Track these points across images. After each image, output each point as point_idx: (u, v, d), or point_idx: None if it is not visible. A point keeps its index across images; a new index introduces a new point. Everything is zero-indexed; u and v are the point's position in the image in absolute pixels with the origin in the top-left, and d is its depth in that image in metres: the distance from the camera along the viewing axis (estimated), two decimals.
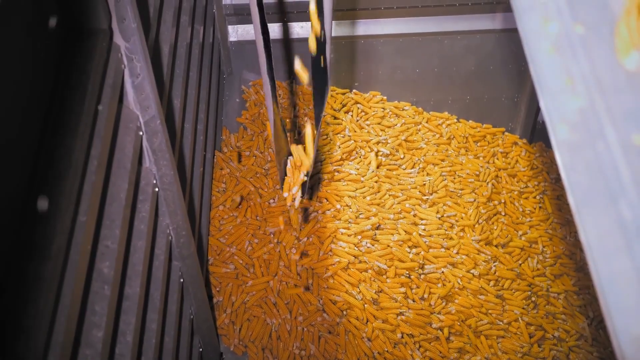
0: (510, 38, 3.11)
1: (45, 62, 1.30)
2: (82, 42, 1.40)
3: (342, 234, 2.67)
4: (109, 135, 1.40)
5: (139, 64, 1.53)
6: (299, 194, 2.11)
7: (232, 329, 2.50)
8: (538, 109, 3.15)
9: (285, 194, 2.12)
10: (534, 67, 0.60)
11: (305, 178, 2.09)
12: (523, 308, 2.65)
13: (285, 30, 3.11)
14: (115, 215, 1.41)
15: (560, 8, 0.62)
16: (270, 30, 1.92)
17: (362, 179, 2.87)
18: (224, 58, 3.13)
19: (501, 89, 3.25)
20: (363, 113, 3.15)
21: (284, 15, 3.06)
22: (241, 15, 3.07)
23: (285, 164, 2.12)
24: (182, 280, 2.00)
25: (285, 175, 2.11)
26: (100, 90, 1.38)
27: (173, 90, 2.07)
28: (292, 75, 3.20)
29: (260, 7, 1.77)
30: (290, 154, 2.11)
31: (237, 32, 3.15)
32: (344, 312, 2.52)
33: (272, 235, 2.66)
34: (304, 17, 3.06)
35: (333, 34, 3.09)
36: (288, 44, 3.14)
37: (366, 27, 3.11)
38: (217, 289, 2.57)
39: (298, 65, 1.98)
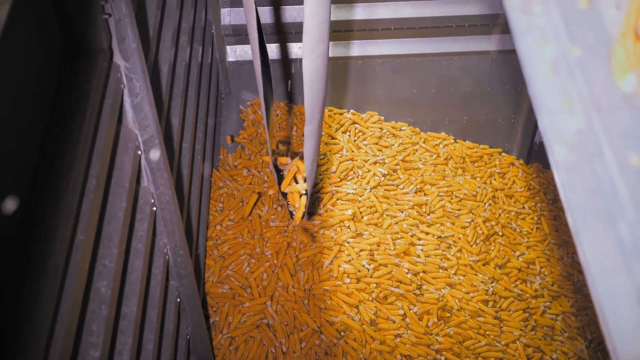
0: (507, 59, 3.13)
1: (45, 81, 1.30)
2: (83, 61, 1.41)
3: (340, 254, 2.67)
4: (107, 154, 1.41)
5: (138, 83, 1.54)
6: (302, 212, 2.13)
7: (228, 350, 2.49)
8: (535, 130, 3.16)
9: (285, 190, 2.12)
10: (532, 89, 0.61)
11: (305, 194, 2.10)
12: (521, 329, 2.64)
13: (284, 51, 3.13)
14: (113, 234, 1.41)
15: (557, 31, 0.63)
16: (268, 50, 1.94)
17: (359, 198, 2.87)
18: (222, 78, 3.15)
19: (498, 110, 3.27)
20: (360, 133, 3.16)
21: (283, 36, 3.08)
22: (239, 35, 3.09)
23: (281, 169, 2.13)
24: (179, 299, 1.99)
25: (281, 174, 2.11)
26: (99, 110, 1.38)
27: (172, 110, 2.08)
28: (290, 96, 3.21)
29: (260, 31, 1.78)
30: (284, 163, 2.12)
31: (236, 53, 3.17)
32: (342, 334, 2.51)
33: (269, 256, 2.65)
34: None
35: (331, 54, 3.11)
36: (286, 64, 3.16)
37: (364, 48, 3.13)
38: (214, 309, 2.56)
39: None
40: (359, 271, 2.62)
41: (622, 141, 0.57)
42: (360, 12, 3.01)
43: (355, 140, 3.12)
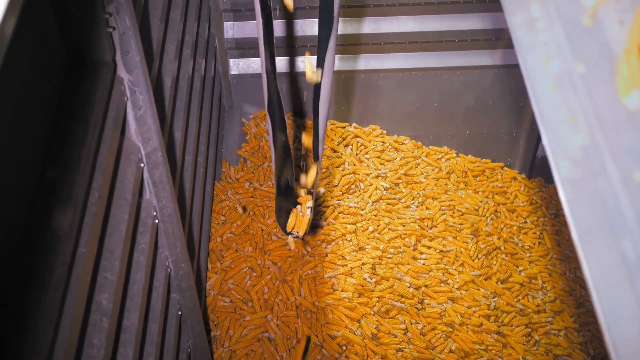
0: (509, 74, 3.14)
1: (49, 93, 1.31)
2: (86, 74, 1.41)
3: (342, 267, 2.66)
4: (110, 167, 1.41)
5: (141, 96, 1.54)
6: (303, 231, 2.12)
7: None
8: (537, 144, 3.17)
9: (290, 234, 2.13)
10: (536, 105, 0.61)
11: (309, 214, 2.10)
12: (523, 344, 2.63)
13: (292, 64, 3.14)
14: (115, 246, 1.40)
15: (561, 47, 0.63)
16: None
17: (361, 212, 2.87)
18: (224, 91, 3.16)
19: (500, 124, 3.27)
20: (362, 147, 3.16)
21: (291, 49, 3.09)
22: (242, 49, 3.10)
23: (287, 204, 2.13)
24: (180, 313, 1.99)
25: (285, 215, 2.11)
26: (102, 122, 1.38)
27: (174, 123, 2.08)
28: (295, 109, 3.22)
29: (270, 42, 1.79)
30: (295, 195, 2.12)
31: (238, 66, 3.18)
32: (344, 348, 2.50)
33: (271, 269, 2.65)
34: (309, 50, 3.09)
35: (334, 68, 3.12)
36: (294, 77, 3.16)
37: (366, 62, 3.14)
38: (215, 322, 2.55)
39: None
40: (361, 285, 2.62)
41: (626, 158, 0.57)
42: (363, 27, 3.02)
43: (357, 154, 3.12)
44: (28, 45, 1.20)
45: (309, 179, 2.12)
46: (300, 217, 2.12)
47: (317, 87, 1.88)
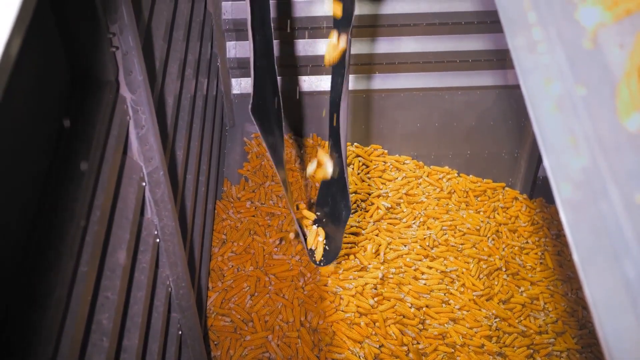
0: (510, 94, 3.15)
1: (52, 112, 1.31)
2: (89, 93, 1.42)
3: (344, 288, 2.65)
4: (112, 186, 1.41)
5: (144, 115, 1.55)
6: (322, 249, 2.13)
7: None
8: (538, 165, 3.17)
9: (312, 247, 2.13)
10: (538, 127, 0.61)
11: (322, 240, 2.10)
12: None
13: (294, 83, 3.15)
14: (116, 265, 1.40)
15: (562, 69, 0.63)
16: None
17: (363, 231, 2.87)
18: (226, 110, 3.17)
19: (501, 144, 3.28)
20: (364, 166, 3.16)
21: (295, 69, 3.10)
22: (244, 68, 3.12)
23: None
24: (180, 332, 1.98)
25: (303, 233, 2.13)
26: (105, 141, 1.39)
27: (176, 142, 2.08)
28: (299, 130, 3.23)
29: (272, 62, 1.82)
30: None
31: (240, 85, 3.19)
32: None
33: (272, 289, 2.64)
34: (312, 70, 3.10)
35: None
36: (299, 97, 3.18)
37: (368, 82, 3.16)
38: (215, 342, 2.54)
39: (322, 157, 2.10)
40: (362, 306, 2.61)
41: (628, 180, 0.58)
42: (365, 47, 3.04)
43: (358, 174, 3.12)
44: (33, 64, 1.21)
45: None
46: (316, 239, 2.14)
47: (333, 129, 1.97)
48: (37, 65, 1.24)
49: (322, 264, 2.12)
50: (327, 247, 2.11)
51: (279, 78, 2.10)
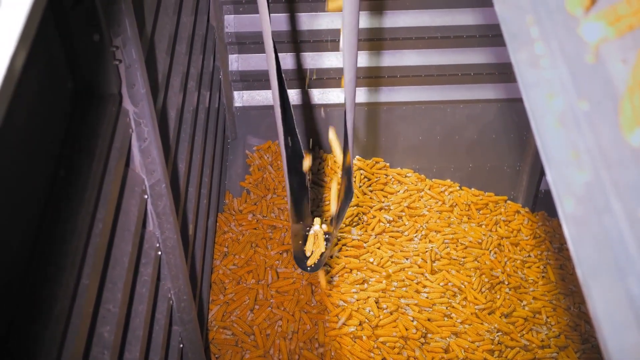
0: (512, 107, 3.15)
1: (55, 124, 1.31)
2: (92, 105, 1.42)
3: (345, 301, 2.65)
4: (114, 199, 1.41)
5: (146, 128, 1.55)
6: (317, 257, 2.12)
7: None
8: (540, 178, 3.17)
9: (308, 254, 2.12)
10: (541, 141, 0.61)
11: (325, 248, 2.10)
12: None
13: (305, 97, 3.16)
14: (117, 278, 1.40)
15: (564, 84, 0.63)
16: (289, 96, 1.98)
17: (365, 245, 2.86)
18: (228, 123, 3.17)
19: (503, 158, 3.28)
20: (366, 179, 3.16)
21: (303, 82, 3.11)
22: (247, 81, 3.13)
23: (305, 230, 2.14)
24: (181, 345, 1.97)
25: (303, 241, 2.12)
26: (107, 154, 1.39)
27: (178, 154, 2.09)
28: (312, 145, 3.23)
29: (280, 76, 1.81)
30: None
31: (243, 98, 3.20)
32: None
33: (274, 302, 2.63)
34: (323, 83, 3.11)
35: (337, 101, 3.14)
36: (308, 110, 3.18)
37: (370, 95, 3.16)
38: (217, 355, 2.53)
39: (332, 134, 2.13)
40: (365, 320, 2.60)
41: (631, 195, 0.57)
42: (367, 60, 3.05)
43: (360, 187, 3.12)
44: (36, 76, 1.21)
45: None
46: (317, 244, 2.12)
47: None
48: (41, 77, 1.25)
49: (310, 269, 2.12)
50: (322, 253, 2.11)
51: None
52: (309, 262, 2.09)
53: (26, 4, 0.65)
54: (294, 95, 3.14)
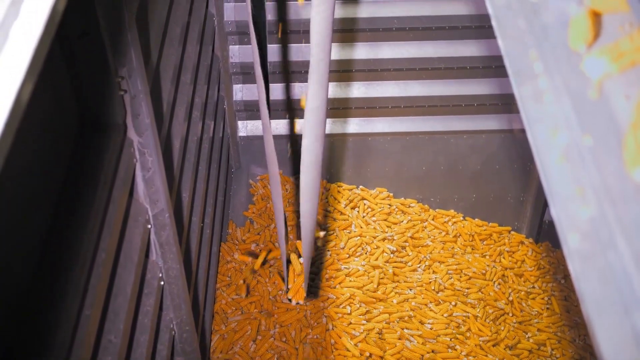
0: (515, 138, 3.16)
1: (60, 154, 1.32)
2: (97, 135, 1.43)
3: (349, 332, 2.63)
4: (118, 228, 1.41)
5: (150, 158, 1.56)
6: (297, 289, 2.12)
7: None
8: (544, 209, 3.16)
9: (290, 297, 2.13)
10: (545, 176, 0.61)
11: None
12: None
13: (292, 127, 3.17)
14: (119, 308, 1.39)
15: (568, 120, 0.63)
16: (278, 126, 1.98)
17: (367, 275, 2.85)
18: (232, 152, 3.18)
19: (507, 188, 3.27)
20: (369, 209, 3.16)
21: (292, 112, 3.13)
22: (251, 111, 3.14)
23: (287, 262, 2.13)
24: None
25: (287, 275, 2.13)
26: (111, 183, 1.39)
27: (182, 184, 2.09)
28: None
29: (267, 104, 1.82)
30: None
31: (247, 128, 3.21)
32: None
33: (276, 333, 2.61)
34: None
35: (340, 131, 3.15)
36: (295, 139, 3.19)
37: (374, 125, 3.17)
38: None
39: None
40: (369, 351, 2.57)
41: (636, 231, 0.57)
42: (371, 90, 3.06)
43: (364, 216, 3.12)
44: (42, 106, 1.22)
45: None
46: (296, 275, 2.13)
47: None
48: (47, 106, 1.26)
49: (292, 299, 2.14)
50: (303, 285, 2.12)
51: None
52: (289, 295, 2.11)
53: (34, 36, 0.65)
54: (283, 125, 3.15)
